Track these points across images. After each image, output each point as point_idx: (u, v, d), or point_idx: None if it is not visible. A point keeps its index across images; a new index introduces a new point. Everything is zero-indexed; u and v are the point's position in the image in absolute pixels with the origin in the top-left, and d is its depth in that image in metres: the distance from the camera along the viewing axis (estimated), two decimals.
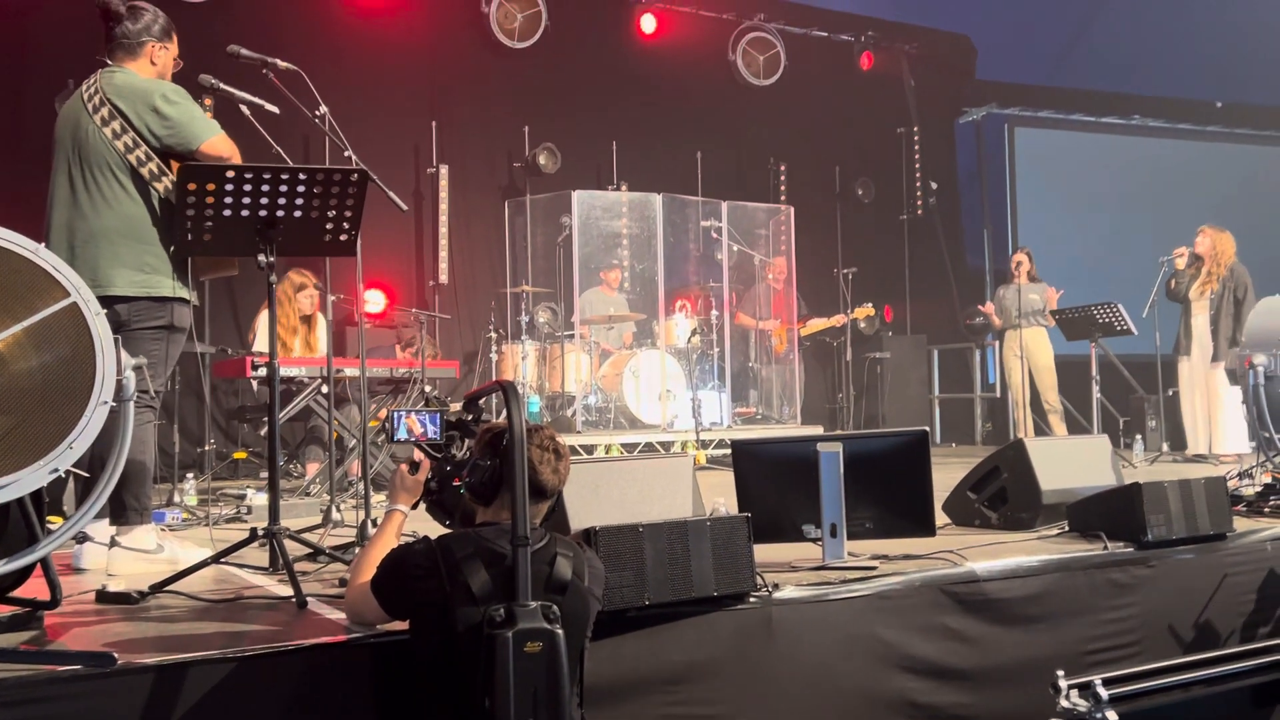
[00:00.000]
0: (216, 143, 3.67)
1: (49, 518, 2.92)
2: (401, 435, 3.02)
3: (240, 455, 8.16)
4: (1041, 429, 9.16)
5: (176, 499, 5.74)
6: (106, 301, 3.64)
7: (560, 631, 2.30)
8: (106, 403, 2.44)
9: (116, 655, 2.35)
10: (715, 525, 3.11)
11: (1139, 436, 8.33)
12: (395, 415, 3.00)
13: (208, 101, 8.17)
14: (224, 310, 8.65)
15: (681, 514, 3.49)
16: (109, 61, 3.79)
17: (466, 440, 3.00)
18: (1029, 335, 8.84)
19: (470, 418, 3.01)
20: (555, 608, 2.34)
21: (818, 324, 10.08)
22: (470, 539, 2.44)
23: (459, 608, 2.33)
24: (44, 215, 3.80)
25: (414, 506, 2.95)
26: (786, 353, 9.83)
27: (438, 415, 3.02)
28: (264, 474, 6.65)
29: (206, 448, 7.83)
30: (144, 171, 3.63)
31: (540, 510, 2.59)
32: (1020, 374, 8.99)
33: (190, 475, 6.09)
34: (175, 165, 3.64)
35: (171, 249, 3.63)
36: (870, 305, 10.16)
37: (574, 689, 2.45)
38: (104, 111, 3.64)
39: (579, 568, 2.50)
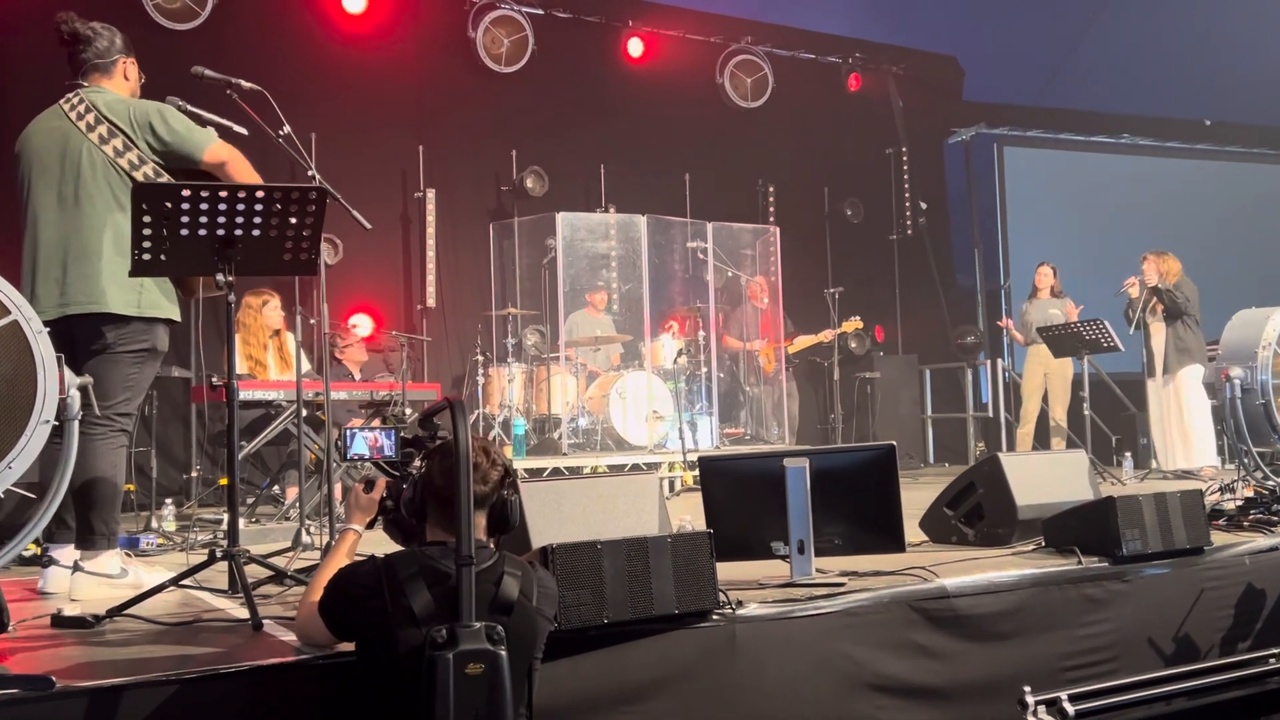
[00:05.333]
0: (216, 149, 3.70)
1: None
2: (356, 452, 3.00)
3: (225, 481, 8.10)
4: (1040, 449, 9.08)
5: (154, 525, 5.70)
6: (98, 319, 3.63)
7: (504, 653, 2.26)
8: (48, 422, 2.42)
9: (55, 679, 2.31)
10: (676, 542, 3.07)
11: (1129, 454, 8.30)
12: (349, 432, 2.97)
13: None
14: (214, 339, 8.63)
15: (647, 532, 3.45)
16: (84, 83, 3.80)
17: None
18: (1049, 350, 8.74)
19: (426, 435, 2.97)
20: (500, 628, 2.29)
21: (805, 341, 10.05)
22: (415, 558, 2.41)
23: (401, 628, 2.30)
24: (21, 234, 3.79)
25: (370, 525, 2.92)
26: (776, 372, 9.80)
27: (393, 432, 2.99)
28: (250, 499, 6.62)
29: (193, 474, 7.81)
30: None
31: (478, 523, 2.55)
32: (1037, 391, 8.93)
33: (168, 501, 6.05)
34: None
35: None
36: (858, 319, 10.13)
37: (521, 710, 2.41)
38: (101, 130, 3.65)
39: (527, 587, 2.46)
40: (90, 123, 3.67)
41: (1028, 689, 3.03)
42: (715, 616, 3.11)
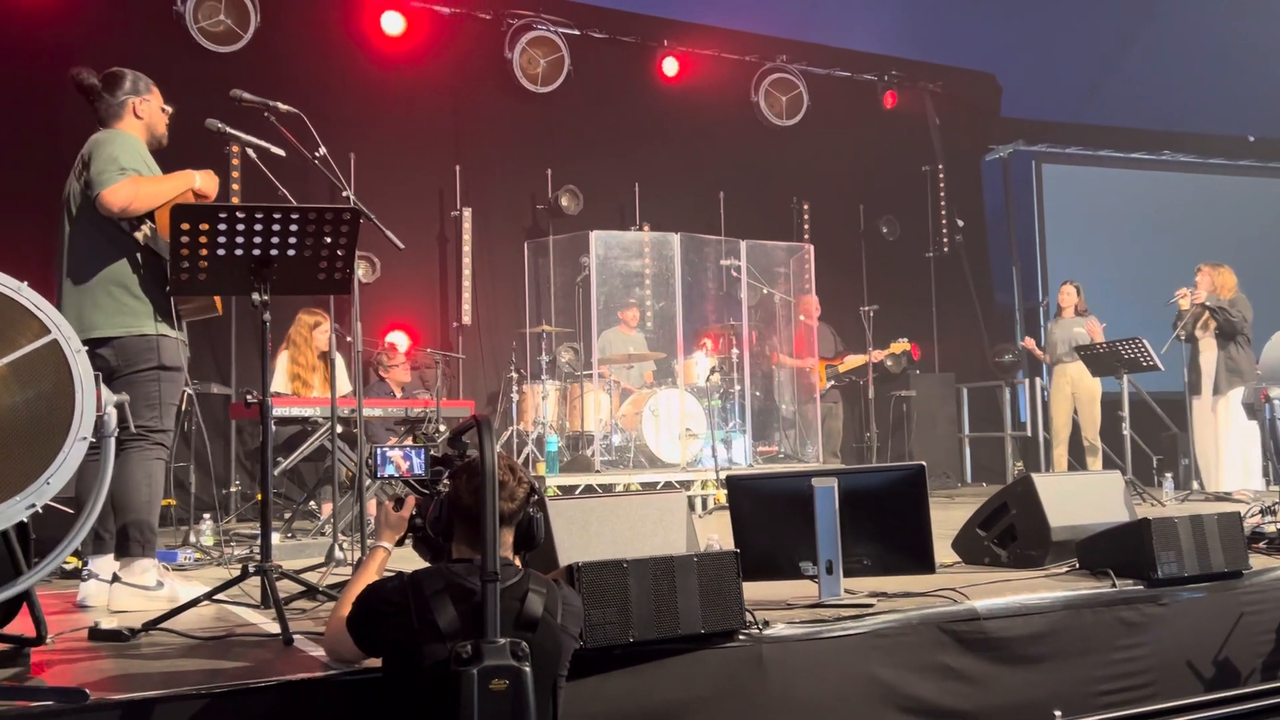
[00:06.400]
0: (111, 195, 3.62)
1: (67, 558, 2.95)
2: (387, 471, 3.03)
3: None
4: (1076, 469, 8.97)
5: (192, 539, 5.78)
6: (93, 344, 3.71)
7: (528, 669, 2.27)
8: (85, 438, 2.46)
9: (89, 692, 2.36)
10: (703, 561, 3.07)
11: (1169, 475, 8.17)
12: (380, 452, 3.01)
13: (234, 148, 8.39)
14: (254, 355, 8.74)
15: (674, 550, 3.45)
16: (102, 128, 3.93)
17: None
18: (1078, 369, 8.65)
19: (455, 453, 3.00)
20: (524, 645, 2.31)
21: (854, 360, 10.00)
22: (441, 575, 2.43)
23: (426, 644, 2.32)
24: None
25: (399, 543, 2.95)
26: (823, 390, 9.75)
27: (423, 450, 3.03)
28: (287, 514, 6.70)
29: (231, 489, 7.92)
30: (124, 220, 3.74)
31: (504, 540, 2.57)
32: (1065, 410, 8.84)
33: (206, 516, 6.13)
34: (157, 212, 3.73)
35: (166, 288, 3.70)
36: (905, 340, 10.06)
37: None
38: (79, 166, 3.81)
39: (551, 604, 2.47)
40: (77, 161, 3.83)
41: (1058, 713, 2.99)
42: (742, 636, 3.10)
